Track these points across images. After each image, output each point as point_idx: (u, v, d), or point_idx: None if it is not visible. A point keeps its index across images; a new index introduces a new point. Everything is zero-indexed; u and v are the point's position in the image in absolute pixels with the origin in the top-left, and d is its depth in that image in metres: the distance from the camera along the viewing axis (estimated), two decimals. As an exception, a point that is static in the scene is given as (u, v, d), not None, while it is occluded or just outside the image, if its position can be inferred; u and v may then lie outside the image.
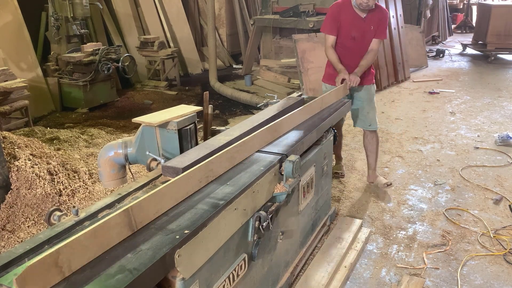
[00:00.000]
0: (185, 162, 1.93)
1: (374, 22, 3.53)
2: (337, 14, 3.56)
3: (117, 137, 5.13)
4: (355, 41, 3.57)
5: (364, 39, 3.57)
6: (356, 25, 3.53)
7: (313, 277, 2.66)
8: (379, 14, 3.56)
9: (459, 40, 11.70)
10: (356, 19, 3.52)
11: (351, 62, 3.60)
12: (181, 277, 1.49)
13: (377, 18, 3.54)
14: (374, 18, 3.53)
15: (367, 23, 3.52)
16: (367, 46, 3.59)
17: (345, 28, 3.55)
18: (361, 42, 3.58)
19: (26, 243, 1.47)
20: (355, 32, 3.54)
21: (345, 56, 3.62)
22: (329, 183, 3.18)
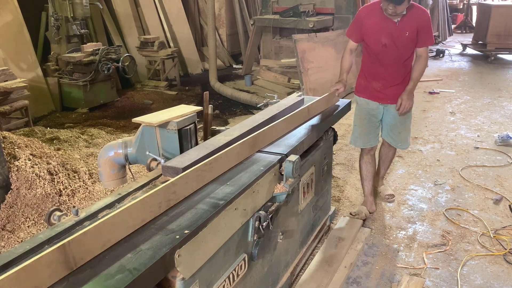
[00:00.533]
0: (185, 162, 1.93)
1: (411, 26, 2.99)
2: (363, 18, 3.11)
3: (117, 137, 5.13)
4: (387, 48, 3.06)
5: (397, 47, 3.05)
6: (386, 31, 3.02)
7: (313, 277, 2.66)
8: (418, 17, 3.01)
9: (459, 40, 11.70)
10: (386, 24, 3.01)
11: (385, 72, 3.17)
12: (181, 277, 1.49)
13: (415, 22, 2.99)
14: (411, 22, 2.99)
15: (401, 28, 2.99)
16: (403, 54, 3.10)
17: (372, 34, 3.08)
18: (394, 50, 3.06)
19: (26, 243, 1.47)
20: (386, 39, 3.03)
21: (377, 65, 3.18)
22: (329, 183, 3.18)
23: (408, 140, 3.46)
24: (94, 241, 1.36)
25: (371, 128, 3.36)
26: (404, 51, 3.08)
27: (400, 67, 3.15)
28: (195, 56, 9.24)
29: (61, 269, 1.26)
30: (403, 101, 3.13)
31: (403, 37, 3.01)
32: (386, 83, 3.19)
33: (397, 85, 3.18)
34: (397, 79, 3.17)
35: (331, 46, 6.92)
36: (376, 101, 3.27)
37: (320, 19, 7.18)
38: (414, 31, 3.00)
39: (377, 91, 3.24)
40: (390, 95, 3.21)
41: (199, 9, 9.78)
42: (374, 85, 3.24)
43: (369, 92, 3.28)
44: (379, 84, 3.21)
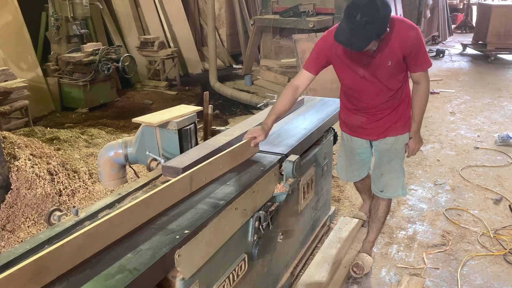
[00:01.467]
0: (185, 162, 1.94)
1: (393, 54, 2.27)
2: (329, 47, 2.37)
3: (117, 137, 5.13)
4: (367, 81, 2.39)
5: (379, 80, 2.38)
6: (361, 63, 2.35)
7: (313, 277, 2.66)
8: (401, 40, 2.25)
9: (459, 40, 11.70)
10: (360, 55, 2.30)
11: (367, 107, 2.52)
12: (181, 277, 1.49)
13: (398, 47, 2.26)
14: (393, 49, 2.26)
15: (379, 58, 2.30)
16: (388, 87, 2.41)
17: (345, 66, 2.40)
18: (376, 83, 2.40)
19: (26, 243, 1.47)
20: (363, 71, 2.37)
21: (357, 99, 2.53)
22: (329, 183, 3.18)
23: (396, 186, 2.69)
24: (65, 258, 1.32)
25: (354, 165, 2.84)
26: (389, 83, 2.40)
27: (386, 100, 2.47)
28: (195, 56, 9.24)
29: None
30: (409, 147, 2.61)
31: (385, 67, 2.32)
32: (369, 118, 2.56)
33: (383, 119, 2.55)
34: (383, 113, 2.53)
35: (331, 46, 6.91)
36: (361, 137, 2.68)
37: (320, 19, 7.18)
38: (399, 57, 2.29)
39: (361, 128, 2.63)
40: (376, 130, 2.59)
41: (199, 9, 9.78)
42: (357, 121, 2.62)
43: (352, 128, 2.68)
44: (361, 120, 2.59)
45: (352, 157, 2.81)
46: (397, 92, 2.47)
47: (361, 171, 2.87)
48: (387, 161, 2.67)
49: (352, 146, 2.75)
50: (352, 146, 2.76)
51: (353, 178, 2.93)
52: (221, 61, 9.57)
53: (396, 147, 2.62)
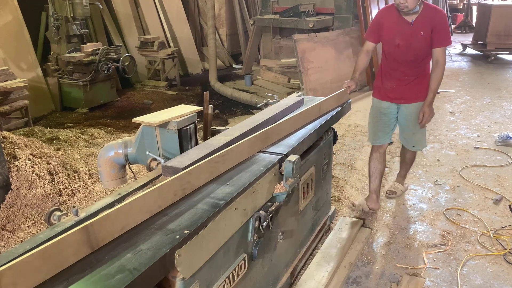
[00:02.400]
0: (185, 162, 1.93)
1: (426, 27, 2.98)
2: (380, 18, 3.17)
3: (117, 137, 5.13)
4: (400, 49, 3.08)
5: (411, 48, 3.05)
6: (400, 31, 3.04)
7: (313, 277, 2.66)
8: (432, 16, 2.99)
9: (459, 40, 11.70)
10: (400, 24, 3.04)
11: (397, 72, 3.20)
12: (181, 277, 1.49)
13: (429, 21, 2.98)
14: (425, 22, 2.98)
15: (415, 28, 3.00)
16: (418, 55, 3.08)
17: (387, 35, 3.11)
18: (407, 51, 3.07)
19: (26, 243, 1.47)
20: (399, 39, 3.05)
21: (391, 65, 3.22)
22: (329, 183, 3.18)
23: (423, 142, 3.48)
24: (114, 223, 1.46)
25: (380, 126, 3.40)
26: (419, 51, 3.06)
27: (413, 67, 3.14)
28: (195, 56, 9.24)
29: (84, 248, 1.38)
30: (425, 113, 3.17)
31: (418, 37, 3.00)
32: (398, 83, 3.21)
33: (408, 85, 3.20)
34: (409, 79, 3.18)
35: (331, 46, 6.92)
36: (388, 101, 3.31)
37: (320, 19, 7.18)
38: (429, 30, 2.97)
39: (389, 91, 3.27)
40: (402, 95, 3.23)
41: (199, 9, 9.78)
42: (387, 85, 3.27)
43: (382, 93, 3.32)
44: (392, 84, 3.24)
45: (379, 118, 3.40)
46: (422, 64, 3.14)
47: (385, 133, 3.42)
48: (414, 123, 3.30)
49: (380, 107, 3.37)
50: (379, 107, 3.38)
51: (378, 140, 3.44)
52: (221, 61, 9.57)
53: None
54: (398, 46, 3.07)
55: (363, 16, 7.04)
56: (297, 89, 6.89)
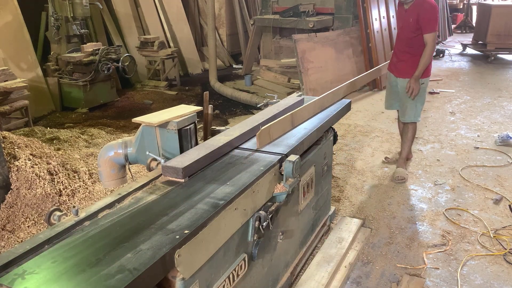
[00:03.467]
0: (185, 162, 1.94)
1: (414, 14, 3.70)
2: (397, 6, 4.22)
3: (117, 137, 5.13)
4: (400, 30, 3.95)
5: (403, 31, 3.86)
6: (400, 16, 3.95)
7: (313, 277, 2.66)
8: (420, 6, 3.69)
9: (459, 40, 11.70)
10: (401, 12, 3.93)
11: (397, 50, 4.01)
12: (181, 277, 1.49)
13: (417, 10, 3.69)
14: (415, 11, 3.70)
15: (408, 15, 3.77)
16: (408, 37, 3.81)
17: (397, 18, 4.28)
18: (402, 32, 3.91)
19: (26, 243, 1.47)
20: (400, 23, 3.98)
21: (396, 44, 4.05)
22: (329, 183, 3.18)
23: (411, 115, 3.99)
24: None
25: (390, 94, 4.19)
26: (409, 34, 3.80)
27: (406, 47, 3.87)
28: (195, 56, 9.24)
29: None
30: (411, 84, 3.84)
31: (408, 22, 3.77)
32: (398, 59, 3.99)
33: (403, 61, 3.93)
34: (404, 56, 3.91)
35: (331, 46, 6.92)
36: (392, 73, 4.09)
37: (320, 19, 7.19)
38: (415, 18, 3.69)
39: (393, 65, 4.07)
40: (399, 69, 3.98)
41: (199, 9, 9.78)
42: (393, 59, 4.08)
43: (390, 66, 4.14)
44: (395, 59, 4.04)
45: (390, 88, 4.19)
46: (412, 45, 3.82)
47: (395, 101, 4.16)
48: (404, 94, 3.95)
49: (390, 80, 4.16)
50: (390, 80, 4.16)
51: (390, 107, 4.28)
52: (221, 61, 9.57)
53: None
54: (400, 27, 3.95)
55: (363, 16, 7.04)
56: (297, 89, 6.89)
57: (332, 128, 3.07)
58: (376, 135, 5.31)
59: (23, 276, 1.30)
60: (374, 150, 4.83)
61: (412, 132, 4.14)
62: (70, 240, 1.49)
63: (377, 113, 6.09)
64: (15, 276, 1.30)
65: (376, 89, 7.25)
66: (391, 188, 3.95)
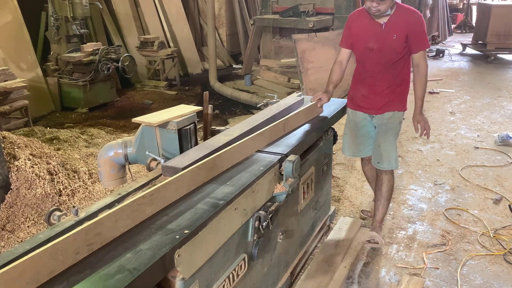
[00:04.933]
0: (185, 162, 1.93)
1: (399, 29, 2.70)
2: (351, 22, 2.90)
3: (117, 137, 5.13)
4: (374, 53, 2.79)
5: (383, 51, 2.77)
6: (372, 33, 2.77)
7: (313, 277, 2.66)
8: (407, 19, 2.71)
9: (459, 40, 11.70)
10: (372, 26, 2.78)
11: (370, 79, 2.89)
12: (181, 277, 1.49)
13: (404, 25, 2.70)
14: (399, 25, 2.70)
15: (387, 31, 2.72)
16: (390, 59, 2.78)
17: (359, 38, 2.84)
18: (380, 54, 2.78)
19: (26, 243, 1.47)
20: (373, 43, 2.78)
21: (363, 71, 2.93)
22: (329, 183, 3.18)
23: (391, 159, 2.92)
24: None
25: (359, 139, 3.09)
26: (392, 55, 2.77)
27: (386, 73, 2.83)
28: (195, 56, 9.24)
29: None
30: (420, 123, 2.83)
31: (390, 40, 2.73)
32: (370, 90, 2.91)
33: (381, 93, 2.88)
34: (382, 86, 2.87)
35: (331, 46, 6.92)
36: (361, 111, 2.99)
37: (320, 19, 7.18)
38: (403, 34, 2.70)
39: (362, 101, 2.97)
40: (375, 104, 2.91)
41: (199, 9, 9.78)
42: (360, 93, 2.97)
43: (355, 103, 3.02)
44: (364, 91, 2.94)
45: (357, 131, 3.08)
46: (394, 67, 2.84)
47: (365, 145, 3.10)
48: (383, 132, 2.95)
49: (356, 120, 3.06)
50: (356, 120, 3.06)
51: (358, 153, 3.17)
52: (221, 61, 9.57)
53: (392, 121, 2.94)
54: (371, 50, 2.80)
55: (363, 16, 7.02)
56: (297, 89, 6.89)
57: (332, 128, 3.07)
58: (376, 135, 5.31)
59: (23, 276, 1.30)
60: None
61: (391, 184, 3.02)
62: (70, 240, 1.49)
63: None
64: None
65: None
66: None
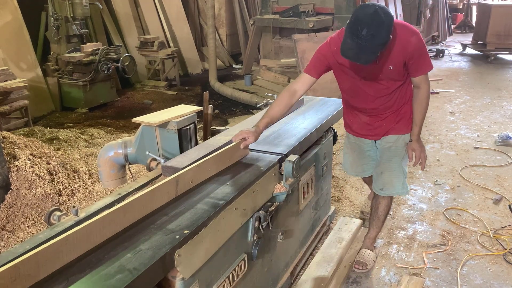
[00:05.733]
0: (185, 162, 1.94)
1: (394, 59, 2.30)
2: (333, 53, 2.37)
3: (117, 137, 5.13)
4: (367, 85, 2.45)
5: (379, 82, 2.43)
6: (364, 68, 2.34)
7: (313, 277, 2.66)
8: (402, 47, 2.27)
9: (459, 40, 11.70)
10: None
11: (368, 109, 2.58)
12: (181, 277, 1.49)
13: (400, 53, 2.28)
14: (394, 55, 2.28)
15: (382, 64, 2.32)
16: (388, 88, 2.45)
17: (345, 71, 2.43)
18: (377, 85, 2.44)
19: (26, 243, 1.47)
20: (364, 76, 2.41)
21: (358, 102, 2.59)
22: (329, 183, 3.18)
23: (395, 185, 2.70)
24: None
25: (363, 160, 2.84)
26: (390, 84, 2.44)
27: (386, 102, 2.52)
28: (195, 56, 9.24)
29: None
30: (415, 151, 2.65)
31: (386, 72, 2.36)
32: (373, 119, 2.62)
33: (385, 119, 2.60)
34: (386, 113, 2.58)
35: (331, 46, 6.91)
36: (366, 138, 2.73)
37: (320, 19, 7.18)
38: (400, 63, 2.33)
39: (363, 129, 2.69)
40: (379, 129, 2.64)
41: (199, 9, 9.78)
42: (356, 124, 2.71)
43: (355, 131, 2.75)
44: (366, 120, 2.65)
45: (361, 153, 2.82)
46: (397, 94, 2.51)
47: (370, 166, 2.84)
48: (387, 159, 2.68)
49: (360, 144, 2.78)
50: (360, 144, 2.79)
51: (363, 173, 2.92)
52: (221, 61, 9.57)
53: (397, 145, 2.65)
54: (364, 83, 2.44)
55: (363, 16, 7.02)
56: (297, 89, 6.88)
57: (332, 128, 3.08)
58: (376, 135, 5.31)
59: (23, 276, 1.30)
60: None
61: (388, 208, 2.84)
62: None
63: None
64: (15, 276, 1.30)
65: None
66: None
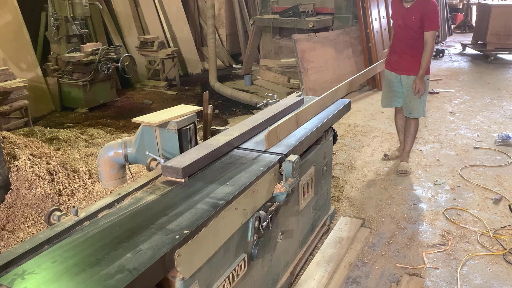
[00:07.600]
0: (185, 162, 1.94)
1: (416, 13, 3.78)
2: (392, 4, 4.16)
3: (117, 137, 5.13)
4: (401, 28, 3.95)
5: (406, 28, 3.89)
6: (400, 14, 3.93)
7: (313, 277, 2.66)
8: (423, 5, 3.79)
9: (458, 40, 11.70)
10: (401, 9, 3.94)
11: (398, 47, 4.03)
12: (181, 277, 1.49)
13: (420, 9, 3.76)
14: (417, 9, 3.79)
15: (409, 13, 3.84)
16: (411, 35, 3.87)
17: (393, 16, 4.10)
18: (404, 30, 3.92)
19: (25, 243, 1.47)
20: (400, 21, 3.94)
21: (395, 41, 4.09)
22: (329, 183, 3.18)
23: (419, 110, 4.08)
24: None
25: (390, 93, 4.23)
26: (412, 32, 3.87)
27: (409, 44, 3.93)
28: (195, 56, 9.24)
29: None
30: (416, 84, 3.91)
31: (411, 20, 3.84)
32: (399, 57, 4.03)
33: (405, 58, 3.99)
34: (407, 54, 3.97)
35: (330, 46, 6.92)
36: (392, 71, 4.13)
37: (320, 19, 7.18)
38: (419, 17, 3.77)
39: (393, 62, 4.10)
40: (401, 67, 4.03)
41: (199, 9, 9.78)
42: (392, 58, 4.11)
43: (389, 65, 4.17)
44: (395, 57, 4.08)
45: (389, 87, 4.24)
46: (415, 43, 3.89)
47: (394, 99, 4.25)
48: (408, 91, 4.03)
49: (390, 78, 4.20)
50: (390, 78, 4.20)
51: (390, 104, 4.34)
52: (221, 61, 9.57)
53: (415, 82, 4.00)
54: (399, 26, 3.97)
55: (363, 16, 7.04)
56: (297, 89, 6.89)
57: (332, 128, 3.07)
58: (376, 135, 5.31)
59: (22, 276, 1.30)
60: (374, 150, 4.83)
61: (416, 127, 4.23)
62: (70, 240, 1.49)
63: (377, 113, 6.09)
64: (15, 276, 1.30)
65: (376, 88, 7.25)
66: (391, 188, 3.95)
